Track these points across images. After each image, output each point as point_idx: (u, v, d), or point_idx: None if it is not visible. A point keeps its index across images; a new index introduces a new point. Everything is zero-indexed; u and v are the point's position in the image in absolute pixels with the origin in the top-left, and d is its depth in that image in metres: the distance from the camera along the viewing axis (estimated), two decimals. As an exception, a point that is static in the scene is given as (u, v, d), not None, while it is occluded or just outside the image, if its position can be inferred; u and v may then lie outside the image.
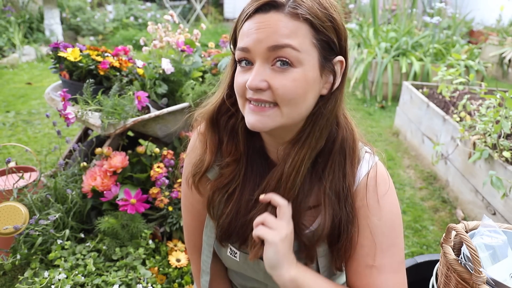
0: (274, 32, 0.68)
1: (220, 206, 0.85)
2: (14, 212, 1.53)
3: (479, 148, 2.21)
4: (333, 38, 0.72)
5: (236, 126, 0.83)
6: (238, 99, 0.77)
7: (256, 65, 0.71)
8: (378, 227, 0.78)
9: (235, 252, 0.88)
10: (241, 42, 0.72)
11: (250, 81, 0.69)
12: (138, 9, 8.15)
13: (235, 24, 0.75)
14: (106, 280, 1.49)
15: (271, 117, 0.72)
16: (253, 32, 0.69)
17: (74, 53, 1.85)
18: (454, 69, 3.02)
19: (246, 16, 0.71)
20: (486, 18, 6.98)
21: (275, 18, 0.68)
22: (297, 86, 0.70)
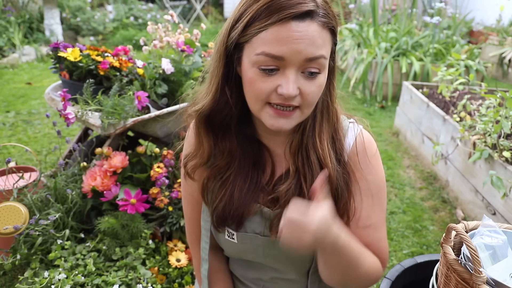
0: (311, 44, 0.69)
1: (214, 192, 0.89)
2: (14, 212, 1.53)
3: (479, 148, 2.21)
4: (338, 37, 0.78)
5: (229, 123, 0.85)
6: (255, 103, 0.76)
7: (289, 73, 0.71)
8: (370, 189, 0.86)
9: (232, 234, 0.91)
10: (272, 48, 0.69)
11: (288, 90, 0.71)
12: (138, 9, 8.15)
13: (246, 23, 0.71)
14: (106, 280, 1.49)
15: (294, 119, 0.77)
16: (291, 42, 0.68)
17: (74, 53, 1.85)
18: (454, 69, 3.02)
19: (278, 20, 0.68)
20: (486, 18, 6.98)
21: (312, 28, 0.69)
22: (320, 90, 0.76)
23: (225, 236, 0.92)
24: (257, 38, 0.71)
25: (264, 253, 0.90)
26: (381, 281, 1.10)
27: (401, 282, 1.14)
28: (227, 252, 0.99)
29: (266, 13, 0.69)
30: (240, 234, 0.90)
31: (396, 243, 2.18)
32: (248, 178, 0.87)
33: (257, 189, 0.87)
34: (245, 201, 0.86)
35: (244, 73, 0.76)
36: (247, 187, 0.86)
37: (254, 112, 0.79)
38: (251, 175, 0.87)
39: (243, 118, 0.85)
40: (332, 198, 0.81)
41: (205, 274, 0.98)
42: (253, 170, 0.87)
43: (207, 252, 0.98)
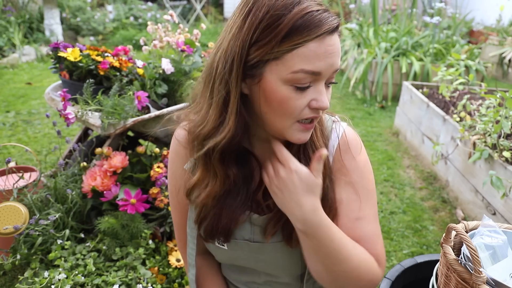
0: (338, 56, 0.71)
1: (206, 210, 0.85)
2: (14, 212, 1.53)
3: (479, 148, 2.21)
4: None
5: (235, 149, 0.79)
6: (286, 121, 0.73)
7: (321, 86, 0.71)
8: (359, 182, 0.85)
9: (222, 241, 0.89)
10: (310, 65, 0.67)
11: (326, 103, 0.71)
12: (138, 9, 8.15)
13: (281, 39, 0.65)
14: (106, 280, 1.49)
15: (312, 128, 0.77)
16: (327, 56, 0.68)
17: (74, 53, 1.85)
18: (454, 69, 3.02)
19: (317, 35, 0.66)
20: (486, 18, 6.98)
21: (338, 41, 0.70)
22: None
23: (215, 243, 0.90)
24: (293, 55, 0.66)
25: (256, 259, 0.89)
26: (381, 281, 1.10)
27: (401, 282, 1.14)
28: (218, 258, 0.98)
29: (304, 28, 0.65)
30: (231, 242, 0.88)
31: (396, 243, 2.18)
32: (239, 195, 0.84)
33: (247, 200, 0.85)
34: (234, 216, 0.84)
35: (269, 92, 0.70)
36: (237, 203, 0.84)
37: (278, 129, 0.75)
38: (241, 190, 0.84)
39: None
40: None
41: (192, 278, 0.97)
42: (243, 185, 0.84)
43: (194, 258, 0.96)
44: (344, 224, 0.83)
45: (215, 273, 1.03)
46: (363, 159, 0.87)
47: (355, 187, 0.85)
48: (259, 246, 0.87)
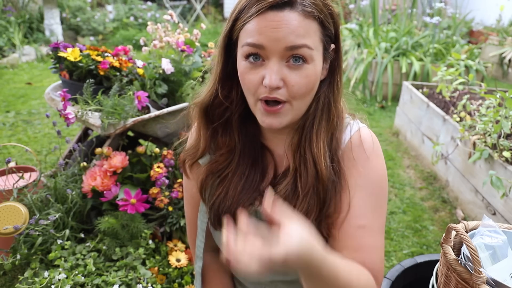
0: (291, 32, 0.69)
1: (212, 190, 0.88)
2: (14, 212, 1.53)
3: (479, 148, 2.21)
4: (332, 30, 0.77)
5: (230, 119, 0.85)
6: (249, 97, 0.78)
7: (271, 63, 0.72)
8: (367, 187, 0.80)
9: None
10: (252, 38, 0.71)
11: (270, 80, 0.71)
12: (138, 9, 8.14)
13: (234, 18, 0.74)
14: (106, 280, 1.49)
15: (284, 114, 0.76)
16: (269, 30, 0.70)
17: (74, 53, 1.85)
18: (454, 69, 3.02)
19: (257, 12, 0.70)
20: (486, 18, 6.98)
21: (291, 17, 0.69)
22: (309, 82, 0.74)
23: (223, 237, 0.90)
24: (243, 32, 0.73)
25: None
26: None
27: (401, 282, 1.14)
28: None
29: (248, 7, 0.71)
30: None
31: (396, 243, 2.18)
32: (244, 176, 0.86)
33: (254, 190, 0.85)
34: (239, 199, 0.85)
35: (237, 68, 0.77)
36: (242, 185, 0.85)
37: (251, 109, 0.79)
38: (248, 174, 0.86)
39: (247, 116, 0.84)
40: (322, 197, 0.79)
41: (199, 271, 0.98)
42: (250, 169, 0.86)
43: (202, 251, 0.98)
44: (345, 231, 0.80)
45: (223, 270, 1.03)
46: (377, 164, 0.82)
47: (364, 191, 0.80)
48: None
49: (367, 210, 0.80)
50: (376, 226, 0.81)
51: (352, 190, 0.81)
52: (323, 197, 0.79)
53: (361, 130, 0.84)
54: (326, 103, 0.81)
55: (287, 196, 0.81)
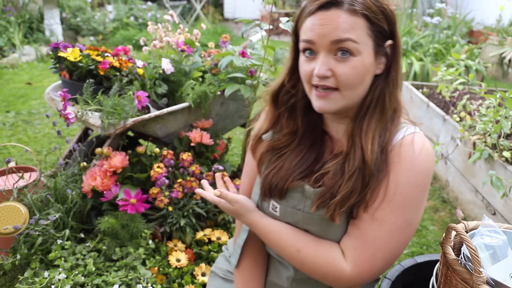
0: (336, 28, 0.80)
1: (269, 164, 0.98)
2: (14, 212, 1.53)
3: (479, 148, 2.21)
4: (384, 26, 0.84)
5: (295, 105, 0.96)
6: (305, 85, 0.89)
7: (320, 56, 0.83)
8: (400, 185, 0.84)
9: (275, 207, 0.97)
10: (305, 35, 0.84)
11: (318, 70, 0.82)
12: (138, 9, 8.14)
13: (297, 18, 0.87)
14: (106, 280, 1.49)
15: (334, 100, 0.85)
16: (317, 28, 0.81)
17: (74, 53, 1.85)
18: (454, 69, 3.02)
19: (308, 12, 0.82)
20: (486, 18, 6.97)
21: (336, 14, 0.80)
22: (356, 73, 0.82)
23: (269, 208, 0.99)
24: (301, 30, 0.86)
25: (303, 228, 0.95)
26: (381, 281, 1.10)
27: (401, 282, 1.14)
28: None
29: (305, 9, 0.84)
30: (283, 207, 0.96)
31: (396, 243, 2.18)
32: (301, 154, 0.96)
33: (306, 168, 0.94)
34: (291, 174, 0.94)
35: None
36: (296, 163, 0.95)
37: (308, 96, 0.90)
38: (305, 153, 0.96)
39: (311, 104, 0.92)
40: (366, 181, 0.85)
41: (241, 244, 1.06)
42: (308, 150, 0.96)
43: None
44: (363, 218, 0.87)
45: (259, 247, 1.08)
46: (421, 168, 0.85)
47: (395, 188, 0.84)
48: (308, 217, 0.93)
49: (387, 206, 0.85)
50: (388, 224, 0.85)
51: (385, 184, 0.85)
52: (367, 181, 0.85)
53: (416, 134, 0.89)
54: (381, 95, 0.88)
55: (334, 174, 0.89)
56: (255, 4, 8.76)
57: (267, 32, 1.88)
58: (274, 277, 1.06)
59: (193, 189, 1.74)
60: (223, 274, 1.18)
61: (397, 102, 0.91)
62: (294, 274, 1.01)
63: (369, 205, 0.86)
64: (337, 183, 0.87)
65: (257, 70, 1.93)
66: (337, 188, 0.87)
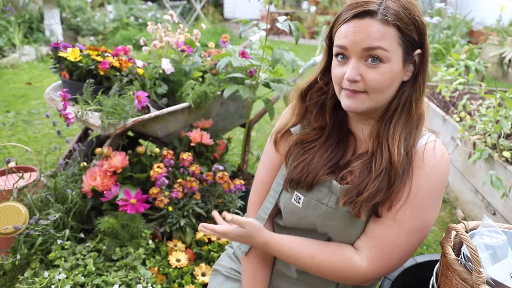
0: (368, 36, 0.84)
1: (297, 156, 1.02)
2: (14, 212, 1.53)
3: (479, 148, 2.21)
4: (414, 37, 0.88)
5: (325, 102, 1.01)
6: (335, 86, 0.94)
7: (352, 61, 0.87)
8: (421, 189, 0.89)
9: (299, 198, 1.01)
10: (339, 41, 0.88)
11: (349, 74, 0.86)
12: (138, 9, 8.14)
13: (333, 24, 0.91)
14: (106, 280, 1.49)
15: (362, 101, 0.89)
16: (351, 35, 0.85)
17: (74, 53, 1.85)
18: (454, 69, 3.02)
19: (344, 20, 0.86)
20: (486, 18, 6.97)
21: (369, 23, 0.84)
22: (385, 79, 0.87)
23: (291, 199, 1.02)
24: (336, 35, 0.90)
25: (323, 223, 0.98)
26: (381, 281, 1.10)
27: (401, 282, 1.14)
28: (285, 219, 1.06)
29: (341, 15, 0.88)
30: (307, 199, 0.99)
31: (396, 243, 2.18)
32: (330, 150, 1.00)
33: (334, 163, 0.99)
34: (320, 168, 0.98)
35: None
36: (326, 157, 0.99)
37: (338, 96, 0.94)
38: (333, 148, 1.00)
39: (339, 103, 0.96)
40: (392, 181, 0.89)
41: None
42: (336, 145, 1.01)
43: (268, 212, 1.09)
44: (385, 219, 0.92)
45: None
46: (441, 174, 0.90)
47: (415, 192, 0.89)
48: (331, 212, 0.96)
49: (408, 208, 0.90)
50: (409, 224, 0.90)
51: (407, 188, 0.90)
52: (393, 181, 0.89)
53: (437, 142, 0.94)
54: (408, 101, 0.93)
55: (361, 173, 0.93)
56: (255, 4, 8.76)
57: (266, 32, 1.87)
58: (281, 267, 1.10)
59: (194, 189, 1.74)
60: (226, 272, 1.20)
61: (422, 109, 0.98)
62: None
63: (393, 205, 0.90)
64: (363, 181, 0.92)
65: (256, 70, 1.93)
66: (364, 186, 0.91)
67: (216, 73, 2.05)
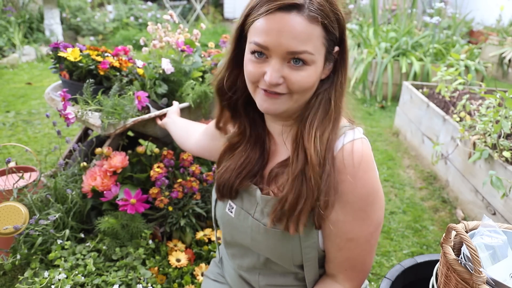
0: (294, 38, 0.74)
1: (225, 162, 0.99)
2: (14, 212, 1.53)
3: (479, 148, 2.21)
4: (337, 35, 0.81)
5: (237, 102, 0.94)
6: (249, 84, 0.85)
7: (273, 62, 0.77)
8: (355, 202, 0.83)
9: (232, 207, 0.97)
10: (259, 37, 0.76)
11: (270, 78, 0.77)
12: (138, 9, 8.14)
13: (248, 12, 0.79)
14: (106, 280, 1.49)
15: (282, 102, 0.82)
16: (274, 33, 0.75)
17: (74, 53, 1.84)
18: (454, 68, 3.02)
19: (266, 11, 0.74)
20: (486, 18, 6.97)
21: (297, 21, 0.74)
22: (309, 81, 0.80)
23: (226, 208, 0.99)
24: (252, 28, 0.78)
25: (252, 236, 0.93)
26: (381, 281, 1.10)
27: (401, 282, 1.14)
28: (223, 232, 1.04)
29: (259, 5, 0.76)
30: (238, 208, 0.96)
31: (396, 243, 2.18)
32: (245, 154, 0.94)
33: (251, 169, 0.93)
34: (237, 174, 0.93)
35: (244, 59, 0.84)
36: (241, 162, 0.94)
37: (252, 95, 0.86)
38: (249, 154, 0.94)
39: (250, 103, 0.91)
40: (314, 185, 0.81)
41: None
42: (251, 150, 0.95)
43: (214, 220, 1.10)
44: (336, 244, 0.88)
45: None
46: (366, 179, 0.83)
47: (351, 207, 0.83)
48: (257, 225, 0.91)
49: (355, 225, 0.85)
50: (363, 236, 0.87)
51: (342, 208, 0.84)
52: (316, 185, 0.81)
53: (354, 142, 0.84)
54: (325, 99, 0.85)
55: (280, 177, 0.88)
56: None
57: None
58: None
59: (194, 189, 1.74)
60: (214, 277, 1.22)
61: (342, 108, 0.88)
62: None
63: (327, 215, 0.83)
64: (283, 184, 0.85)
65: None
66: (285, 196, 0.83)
67: (216, 73, 2.04)
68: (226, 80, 0.90)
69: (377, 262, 2.02)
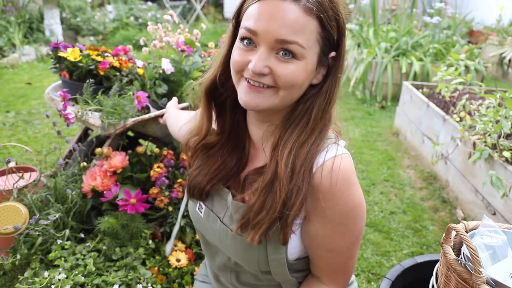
0: (285, 26, 0.69)
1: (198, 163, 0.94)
2: (14, 212, 1.53)
3: (479, 148, 2.21)
4: (334, 35, 0.76)
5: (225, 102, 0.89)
6: (233, 74, 0.79)
7: (260, 50, 0.72)
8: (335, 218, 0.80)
9: (201, 208, 0.95)
10: (249, 22, 0.72)
11: (254, 66, 0.72)
12: (138, 9, 8.14)
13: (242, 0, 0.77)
14: (106, 280, 1.49)
15: (266, 97, 0.76)
16: (265, 18, 0.70)
17: (74, 53, 1.84)
18: (453, 68, 3.02)
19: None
20: (486, 18, 6.97)
21: (290, 9, 0.69)
22: (297, 76, 0.73)
23: (196, 207, 0.97)
24: (245, 14, 0.75)
25: (219, 239, 0.92)
26: (381, 281, 1.10)
27: (401, 282, 1.14)
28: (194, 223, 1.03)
29: None
30: (207, 210, 0.93)
31: (396, 243, 2.18)
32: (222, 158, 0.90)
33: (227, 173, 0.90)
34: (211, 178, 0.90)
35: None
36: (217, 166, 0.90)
37: (236, 86, 0.80)
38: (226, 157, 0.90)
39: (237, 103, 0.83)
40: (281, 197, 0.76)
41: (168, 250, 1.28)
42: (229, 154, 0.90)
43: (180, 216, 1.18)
44: (317, 254, 0.87)
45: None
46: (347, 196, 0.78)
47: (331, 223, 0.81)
48: (224, 229, 0.90)
49: (336, 238, 0.83)
50: (344, 246, 0.85)
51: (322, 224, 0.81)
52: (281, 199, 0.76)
53: (336, 159, 0.78)
54: (309, 107, 0.79)
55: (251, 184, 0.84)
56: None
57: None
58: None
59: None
60: (201, 278, 1.23)
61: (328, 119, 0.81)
62: None
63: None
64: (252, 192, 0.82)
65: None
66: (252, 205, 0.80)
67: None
68: (220, 75, 0.85)
69: (377, 262, 2.02)
